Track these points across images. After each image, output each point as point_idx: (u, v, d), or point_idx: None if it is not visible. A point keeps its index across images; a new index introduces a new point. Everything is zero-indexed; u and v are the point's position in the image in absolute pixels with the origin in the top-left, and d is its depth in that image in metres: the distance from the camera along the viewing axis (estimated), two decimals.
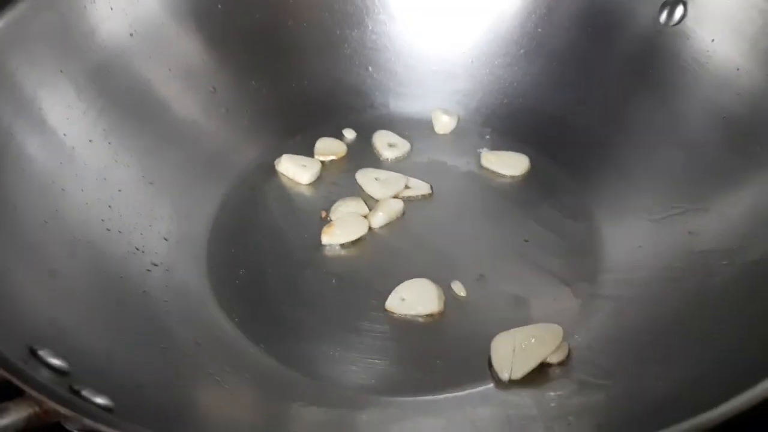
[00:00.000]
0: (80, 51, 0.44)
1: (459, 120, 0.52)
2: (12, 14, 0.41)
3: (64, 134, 0.42)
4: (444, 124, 0.52)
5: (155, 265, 0.42)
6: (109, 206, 0.42)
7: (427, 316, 0.41)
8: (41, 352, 0.31)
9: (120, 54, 0.46)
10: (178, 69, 0.48)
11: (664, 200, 0.44)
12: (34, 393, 0.27)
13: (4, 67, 0.40)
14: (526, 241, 0.45)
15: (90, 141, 0.43)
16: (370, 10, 0.52)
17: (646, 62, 0.48)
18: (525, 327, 0.39)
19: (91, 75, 0.44)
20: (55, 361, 0.31)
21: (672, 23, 0.47)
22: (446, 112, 0.52)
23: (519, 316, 0.40)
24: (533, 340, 0.38)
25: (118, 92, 0.45)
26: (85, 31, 0.44)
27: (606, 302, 0.41)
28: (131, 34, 0.46)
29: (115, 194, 0.43)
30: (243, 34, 0.50)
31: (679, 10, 0.47)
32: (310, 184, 0.48)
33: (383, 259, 0.44)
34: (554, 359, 0.38)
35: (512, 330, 0.39)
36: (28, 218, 0.38)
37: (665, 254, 0.42)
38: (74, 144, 0.42)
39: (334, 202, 0.47)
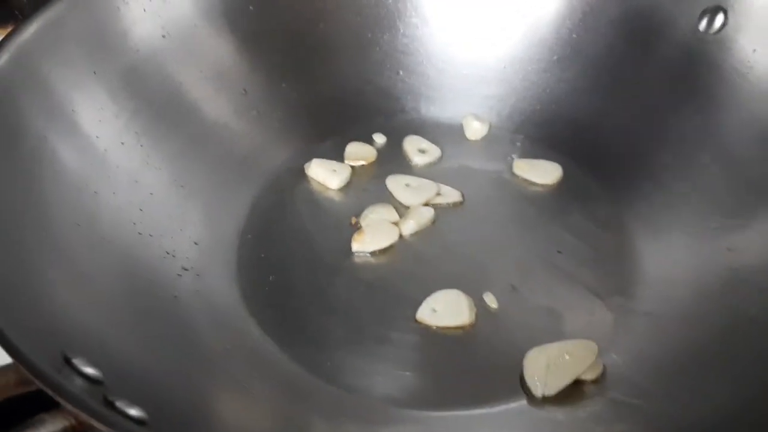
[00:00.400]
0: (113, 53, 0.43)
1: (491, 126, 0.51)
2: (45, 17, 0.40)
3: (97, 137, 0.42)
4: (475, 130, 0.51)
5: (186, 269, 0.42)
6: (141, 209, 0.42)
7: (458, 327, 0.41)
8: (75, 360, 0.31)
9: (152, 56, 0.45)
10: (209, 71, 0.48)
11: (701, 214, 0.43)
12: (69, 406, 0.27)
13: (37, 69, 0.40)
14: (559, 252, 0.44)
15: (122, 144, 0.43)
16: (401, 13, 0.52)
17: (684, 71, 0.47)
18: (559, 342, 0.38)
19: (123, 77, 0.44)
20: (89, 370, 0.31)
21: (712, 31, 0.46)
22: (478, 117, 0.51)
23: (552, 330, 0.40)
24: (567, 357, 0.37)
25: (151, 94, 0.45)
26: (118, 33, 0.44)
27: (641, 318, 0.40)
28: (164, 36, 0.46)
29: (147, 197, 0.43)
30: (274, 37, 0.50)
31: (720, 18, 0.46)
32: (339, 190, 0.48)
33: (413, 267, 0.44)
34: (588, 376, 0.37)
35: (546, 345, 0.38)
36: (60, 221, 0.38)
37: (702, 270, 0.41)
38: (106, 146, 0.42)
39: (363, 207, 0.46)
